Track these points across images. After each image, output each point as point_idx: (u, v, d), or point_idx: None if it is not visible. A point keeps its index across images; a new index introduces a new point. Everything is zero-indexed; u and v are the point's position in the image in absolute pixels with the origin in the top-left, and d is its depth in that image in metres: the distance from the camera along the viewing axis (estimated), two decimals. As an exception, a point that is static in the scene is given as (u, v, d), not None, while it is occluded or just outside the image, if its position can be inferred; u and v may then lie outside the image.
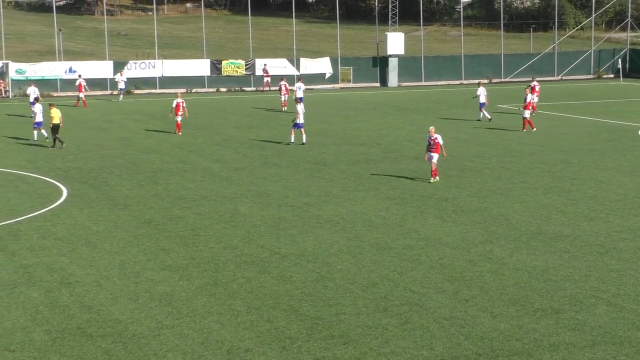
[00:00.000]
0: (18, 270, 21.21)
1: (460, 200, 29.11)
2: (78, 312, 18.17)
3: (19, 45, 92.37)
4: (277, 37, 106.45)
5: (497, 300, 18.83)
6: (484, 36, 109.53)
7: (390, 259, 22.06)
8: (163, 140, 44.03)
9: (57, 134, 41.46)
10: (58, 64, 71.87)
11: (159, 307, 18.50)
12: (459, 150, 39.94)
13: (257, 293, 19.41)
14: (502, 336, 16.70)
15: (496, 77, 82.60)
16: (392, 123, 50.57)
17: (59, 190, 31.23)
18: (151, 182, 32.65)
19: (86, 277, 20.68)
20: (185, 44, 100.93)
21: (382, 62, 79.81)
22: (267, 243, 23.71)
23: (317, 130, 47.90)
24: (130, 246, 23.48)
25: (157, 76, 73.69)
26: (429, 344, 16.33)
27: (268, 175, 33.91)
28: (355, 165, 36.07)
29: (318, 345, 16.31)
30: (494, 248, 23.11)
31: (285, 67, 76.25)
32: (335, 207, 28.23)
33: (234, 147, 41.69)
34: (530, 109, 47.14)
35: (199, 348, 16.24)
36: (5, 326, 17.31)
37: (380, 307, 18.38)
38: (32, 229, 25.46)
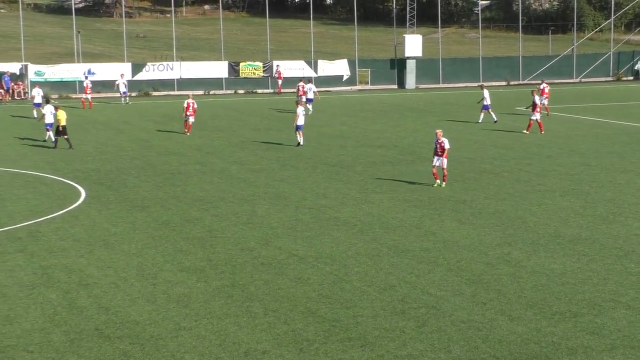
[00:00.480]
0: (37, 271, 21.30)
1: (477, 203, 29.04)
2: (96, 314, 18.22)
3: (38, 47, 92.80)
4: (295, 39, 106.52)
5: (515, 303, 18.76)
6: (502, 38, 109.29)
7: (407, 262, 22.03)
8: (181, 142, 44.12)
9: (67, 135, 41.70)
10: (77, 66, 72.16)
11: (176, 308, 18.53)
12: (477, 153, 39.86)
13: (274, 295, 19.41)
14: (520, 339, 16.64)
15: (514, 80, 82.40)
16: (409, 125, 50.52)
17: (78, 191, 31.34)
18: (169, 183, 32.73)
19: (104, 278, 20.75)
20: (203, 45, 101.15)
21: (400, 64, 79.74)
22: (284, 245, 23.72)
23: (335, 132, 47.92)
24: (148, 248, 23.53)
25: (175, 78, 73.87)
26: (446, 346, 16.30)
27: (285, 177, 33.93)
28: (372, 167, 36.04)
29: (335, 348, 16.30)
30: (512, 251, 23.04)
31: (303, 69, 76.27)
32: (352, 209, 28.21)
33: (252, 149, 41.73)
34: (538, 111, 46.89)
35: (216, 350, 16.26)
36: (24, 327, 17.38)
37: (397, 310, 18.35)
38: (51, 230, 25.56)
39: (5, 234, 25.07)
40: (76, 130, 48.88)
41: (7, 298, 19.26)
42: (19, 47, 74.58)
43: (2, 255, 22.81)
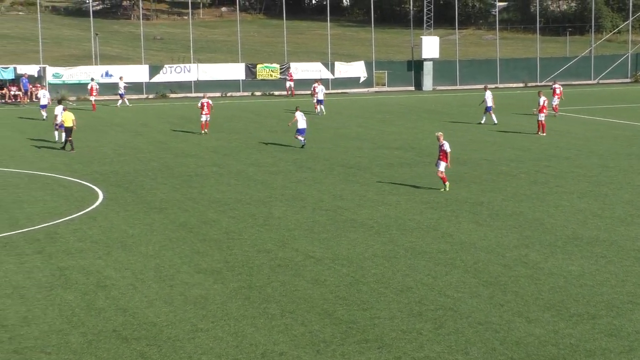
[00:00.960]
0: (55, 273, 21.38)
1: (495, 205, 28.98)
2: (114, 315, 18.28)
3: (56, 49, 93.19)
4: (312, 41, 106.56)
5: (532, 305, 18.71)
6: (520, 40, 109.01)
7: (424, 263, 22.00)
8: (198, 143, 44.20)
9: (70, 137, 41.90)
10: (94, 68, 72.38)
11: (193, 310, 18.56)
12: (494, 155, 39.78)
13: (291, 297, 19.42)
14: (538, 341, 16.59)
15: (532, 81, 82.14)
16: (427, 127, 50.43)
17: (95, 193, 31.45)
18: (186, 185, 32.80)
19: (122, 280, 20.81)
20: (220, 47, 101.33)
21: (417, 65, 79.62)
22: (301, 247, 23.73)
23: (351, 133, 47.91)
24: (166, 249, 23.59)
25: (193, 80, 73.99)
26: (464, 348, 16.26)
27: (302, 179, 33.94)
28: (389, 169, 36.01)
29: (352, 349, 16.29)
30: (530, 252, 22.98)
31: (320, 70, 76.27)
32: (369, 210, 28.19)
33: (269, 150, 41.77)
34: (544, 112, 46.76)
35: (233, 351, 16.28)
36: (42, 328, 17.45)
37: (414, 312, 18.33)
38: (69, 231, 25.65)
39: (24, 236, 25.18)
40: (94, 132, 49.10)
41: (25, 299, 19.35)
42: (37, 49, 74.86)
43: (20, 256, 22.91)
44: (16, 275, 21.16)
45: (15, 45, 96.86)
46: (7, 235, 25.20)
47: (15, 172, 35.92)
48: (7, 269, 21.72)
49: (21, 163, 38.33)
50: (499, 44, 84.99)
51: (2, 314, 18.41)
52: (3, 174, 35.62)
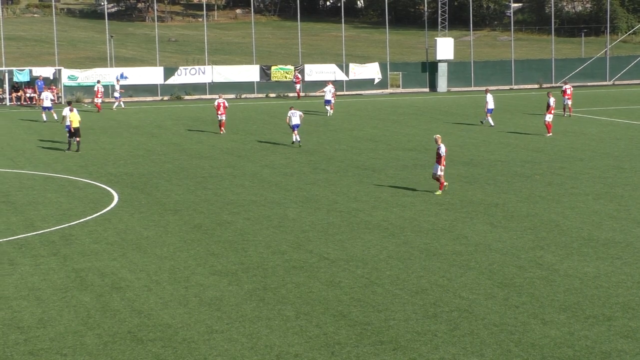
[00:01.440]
0: (70, 275, 21.44)
1: (510, 206, 28.92)
2: (129, 317, 18.32)
3: (71, 51, 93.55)
4: (326, 43, 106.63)
5: (547, 306, 18.66)
6: (535, 41, 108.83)
7: (439, 265, 21.97)
8: (213, 145, 44.27)
9: (79, 137, 42.24)
10: (109, 70, 72.61)
11: (208, 311, 18.59)
12: (509, 156, 39.70)
13: (306, 298, 19.42)
14: (553, 343, 16.55)
15: (547, 82, 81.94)
16: (441, 128, 50.33)
17: (110, 195, 31.53)
18: (201, 187, 32.85)
19: (137, 281, 20.85)
20: (234, 49, 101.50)
21: (432, 67, 79.52)
22: (315, 248, 23.73)
23: (366, 135, 47.89)
24: (180, 251, 23.63)
25: (207, 82, 74.11)
26: (479, 350, 16.23)
27: (317, 181, 33.95)
28: (404, 171, 35.98)
29: (367, 351, 16.28)
30: (545, 254, 22.92)
31: (334, 72, 76.28)
32: (384, 212, 28.18)
33: (283, 152, 41.79)
34: (552, 113, 46.65)
35: (248, 353, 16.29)
36: (58, 330, 17.51)
37: (429, 313, 18.31)
38: (84, 233, 25.73)
39: (39, 237, 25.27)
40: (109, 134, 49.25)
41: (41, 301, 19.41)
42: (53, 51, 75.20)
43: (36, 258, 22.99)
44: (32, 277, 21.24)
45: (31, 48, 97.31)
46: (23, 237, 25.30)
47: (31, 174, 36.05)
48: (23, 271, 21.80)
49: (37, 165, 38.48)
50: (513, 45, 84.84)
51: (18, 315, 18.48)
52: (19, 175, 35.76)
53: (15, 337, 17.13)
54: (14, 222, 27.35)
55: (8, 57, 74.59)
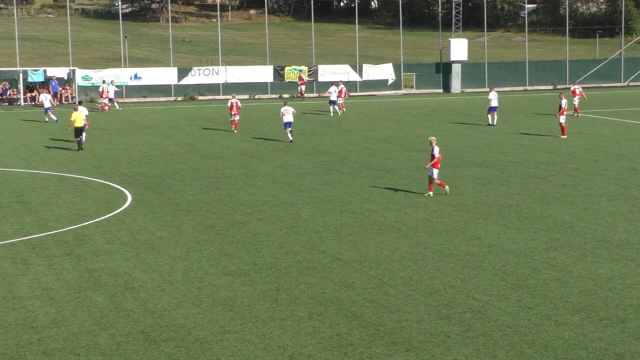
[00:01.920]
0: (84, 275, 21.49)
1: (523, 207, 28.84)
2: (142, 317, 18.35)
3: (86, 52, 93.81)
4: (340, 43, 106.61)
5: (561, 308, 18.60)
6: (549, 42, 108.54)
7: (452, 266, 21.93)
8: (226, 146, 44.31)
9: (80, 137, 42.72)
10: (123, 71, 72.80)
11: (221, 312, 18.60)
12: (523, 157, 39.61)
13: (319, 299, 19.42)
14: (567, 345, 16.50)
15: (561, 83, 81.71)
16: (454, 129, 50.28)
17: (124, 195, 31.60)
18: (214, 187, 32.88)
19: (150, 282, 20.89)
20: (248, 50, 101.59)
21: (445, 68, 79.44)
22: (328, 249, 23.72)
23: (379, 136, 47.86)
24: (194, 251, 23.66)
25: (221, 82, 74.22)
26: (492, 351, 16.19)
27: (330, 182, 33.94)
28: (417, 172, 35.92)
29: (380, 352, 16.26)
30: (558, 255, 22.85)
31: (347, 73, 76.25)
32: (397, 213, 28.15)
33: (296, 153, 41.80)
34: (565, 114, 46.42)
35: (261, 353, 16.29)
36: (71, 330, 17.55)
37: (442, 314, 18.28)
38: (98, 233, 25.79)
39: (53, 238, 25.34)
40: (123, 134, 49.37)
41: (54, 301, 19.46)
42: (67, 52, 75.44)
43: (49, 258, 23.06)
44: (45, 277, 21.30)
45: (45, 48, 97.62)
46: (37, 237, 25.38)
47: (45, 174, 36.17)
48: (37, 271, 21.87)
49: (51, 165, 38.60)
50: (527, 46, 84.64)
51: (31, 315, 18.53)
52: (33, 176, 35.88)
53: (29, 336, 17.18)
54: (28, 222, 27.44)
55: (22, 57, 74.86)
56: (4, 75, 70.63)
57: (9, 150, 43.26)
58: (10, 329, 17.69)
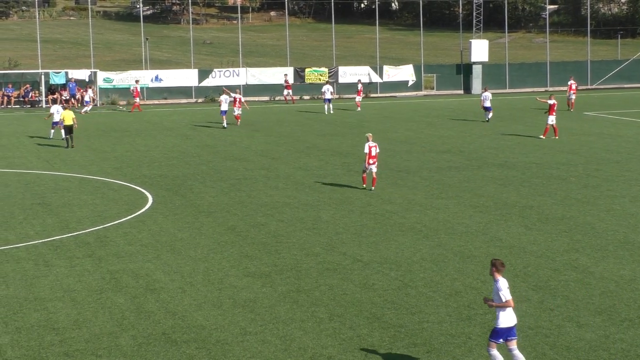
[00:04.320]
0: (105, 276, 21.57)
1: (545, 209, 28.73)
2: (163, 318, 18.40)
3: (107, 54, 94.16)
4: (361, 45, 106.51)
5: (583, 309, 18.52)
6: (570, 43, 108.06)
7: (473, 267, 21.87)
8: (247, 147, 44.37)
9: (71, 134, 44.79)
10: (144, 73, 73.03)
11: (242, 313, 18.63)
12: (544, 158, 39.46)
13: (339, 300, 19.41)
14: (589, 346, 16.42)
15: (582, 85, 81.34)
16: (475, 130, 50.15)
17: (145, 197, 31.69)
18: (235, 189, 32.93)
19: (171, 283, 20.94)
20: (269, 52, 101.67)
21: (466, 69, 79.26)
22: (349, 250, 23.71)
23: (400, 137, 47.80)
24: (214, 253, 23.70)
25: (241, 84, 74.32)
26: (513, 353, 16.12)
27: (350, 183, 33.91)
28: (438, 173, 35.86)
29: (400, 354, 16.25)
30: (580, 257, 22.75)
31: (367, 74, 76.18)
32: (418, 214, 28.10)
33: (317, 154, 41.81)
34: (554, 114, 46.07)
35: (282, 355, 16.30)
36: (93, 331, 17.61)
37: (463, 316, 18.23)
38: (119, 235, 25.88)
39: (74, 239, 25.45)
40: (144, 136, 49.53)
41: (76, 303, 19.54)
42: (89, 54, 75.77)
43: (71, 260, 23.15)
44: (67, 279, 21.39)
45: (67, 50, 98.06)
46: (58, 239, 25.50)
47: (66, 176, 36.33)
48: (59, 272, 21.96)
49: (72, 167, 38.76)
50: (549, 47, 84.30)
51: (53, 317, 18.62)
52: (54, 177, 36.05)
53: (51, 338, 17.26)
54: (50, 223, 27.57)
55: (44, 59, 75.24)
56: (26, 77, 71.04)
57: (30, 152, 43.49)
58: (33, 330, 17.78)
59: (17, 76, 71.33)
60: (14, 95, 68.72)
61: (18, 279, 21.41)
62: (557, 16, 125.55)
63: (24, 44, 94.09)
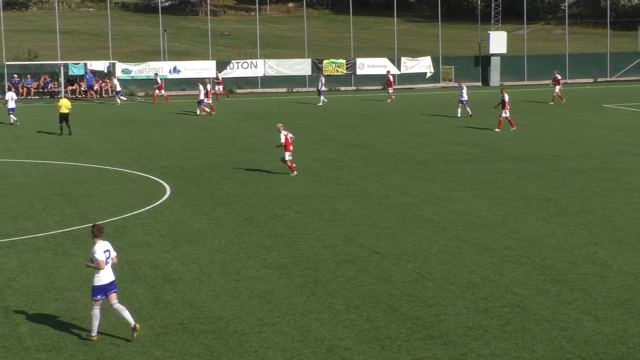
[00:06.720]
0: (123, 266, 21.63)
1: (563, 201, 28.65)
2: (181, 309, 18.47)
3: (125, 45, 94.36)
4: (378, 36, 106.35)
5: (601, 303, 18.47)
6: (590, 34, 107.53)
7: (491, 260, 21.84)
8: (264, 139, 44.38)
9: (66, 122, 45.97)
10: (163, 64, 73.17)
11: (259, 304, 18.67)
12: (562, 151, 39.33)
13: (356, 292, 19.43)
14: (606, 340, 16.38)
15: (602, 77, 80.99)
16: (492, 123, 49.98)
17: (163, 188, 31.78)
18: (252, 180, 32.98)
19: (189, 274, 21.01)
20: (286, 43, 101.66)
21: (484, 61, 79.03)
22: (366, 242, 23.72)
23: (417, 129, 47.74)
24: (232, 244, 23.75)
25: (259, 76, 74.37)
26: (531, 346, 16.12)
27: (368, 175, 33.91)
28: (455, 165, 35.80)
29: (417, 346, 16.25)
30: (598, 250, 22.68)
31: (385, 66, 76.04)
32: (435, 206, 28.07)
33: (334, 146, 41.80)
34: (508, 108, 46.25)
35: (299, 346, 16.34)
36: (111, 321, 17.68)
37: (480, 308, 18.22)
38: (137, 225, 25.97)
39: (93, 229, 25.50)
40: (162, 127, 49.64)
41: (94, 292, 19.61)
42: (107, 45, 75.95)
43: (89, 250, 23.12)
44: (86, 269, 21.38)
45: (86, 42, 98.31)
46: (77, 229, 25.61)
47: (85, 167, 36.47)
48: (77, 262, 22.06)
49: (90, 157, 38.91)
50: (568, 39, 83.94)
51: (72, 306, 18.72)
52: (73, 168, 36.20)
53: (70, 327, 17.33)
54: (69, 213, 27.70)
55: (64, 50, 75.47)
56: (46, 68, 71.28)
57: (50, 143, 43.67)
58: (52, 319, 17.88)
59: (37, 67, 71.55)
60: (33, 87, 68.99)
61: (37, 269, 21.53)
62: (576, 8, 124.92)
63: (44, 36, 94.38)
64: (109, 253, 17.01)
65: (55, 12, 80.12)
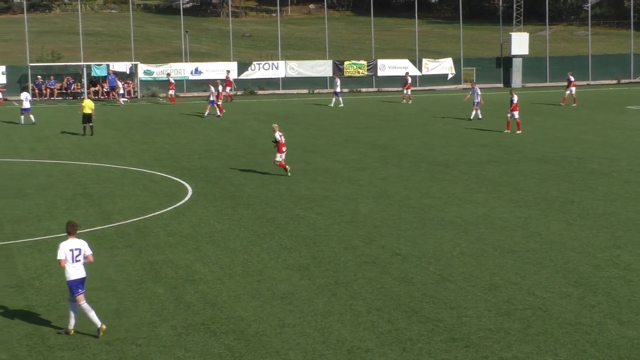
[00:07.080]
0: (145, 267, 21.72)
1: (586, 204, 28.50)
2: (202, 309, 18.50)
3: (147, 46, 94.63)
4: (400, 38, 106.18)
5: (624, 306, 18.35)
6: (613, 35, 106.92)
7: (513, 262, 21.76)
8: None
9: (90, 122, 46.41)
10: (184, 65, 73.37)
11: (280, 305, 18.68)
12: (586, 153, 39.14)
13: (377, 294, 19.40)
14: (630, 344, 16.27)
15: (625, 78, 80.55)
16: (513, 124, 49.79)
17: (185, 188, 31.86)
18: (274, 181, 33.00)
19: (210, 274, 21.04)
20: (307, 45, 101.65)
21: (506, 62, 78.80)
22: (388, 244, 23.68)
23: (438, 131, 47.65)
24: (253, 245, 23.77)
25: (280, 77, 74.43)
26: (553, 349, 16.04)
27: (389, 176, 33.86)
28: (477, 167, 35.70)
29: (439, 348, 16.21)
30: (622, 253, 22.54)
31: (406, 67, 75.93)
32: (457, 208, 27.99)
33: (355, 147, 41.77)
34: (518, 110, 46.11)
35: (320, 347, 16.33)
36: (133, 321, 17.75)
37: (502, 311, 18.15)
38: (159, 226, 26.04)
39: (115, 230, 25.65)
40: (183, 128, 49.77)
41: (116, 292, 19.71)
42: (129, 46, 76.21)
43: (111, 250, 23.34)
44: (108, 269, 21.56)
45: (108, 43, 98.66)
46: (100, 229, 25.71)
47: (108, 167, 36.61)
48: (99, 262, 22.06)
49: (113, 158, 39.06)
50: (591, 40, 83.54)
51: (94, 306, 18.70)
52: (96, 168, 36.34)
53: (92, 327, 17.39)
54: (92, 214, 27.81)
55: (86, 52, 75.74)
56: (69, 69, 71.65)
57: (73, 144, 43.87)
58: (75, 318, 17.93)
59: (60, 69, 71.96)
60: (56, 88, 69.37)
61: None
62: (599, 8, 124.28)
63: (66, 37, 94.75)
64: (79, 252, 17.17)
65: (78, 13, 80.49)
